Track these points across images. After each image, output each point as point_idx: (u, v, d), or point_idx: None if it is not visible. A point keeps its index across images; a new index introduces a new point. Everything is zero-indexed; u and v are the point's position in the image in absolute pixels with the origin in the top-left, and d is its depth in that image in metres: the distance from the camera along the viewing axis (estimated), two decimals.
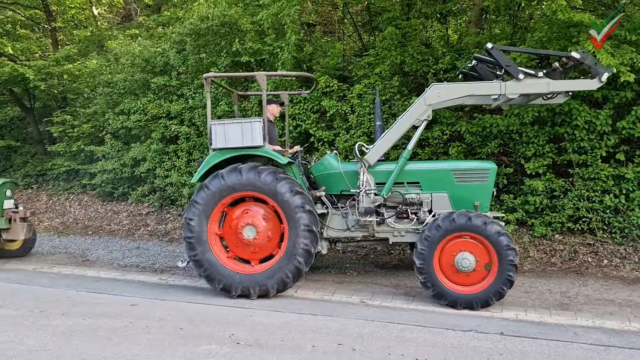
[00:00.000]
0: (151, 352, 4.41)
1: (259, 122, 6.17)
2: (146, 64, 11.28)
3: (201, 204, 6.15)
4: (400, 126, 6.28)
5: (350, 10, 11.59)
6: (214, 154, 6.33)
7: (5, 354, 4.34)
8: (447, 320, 5.32)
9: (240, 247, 6.25)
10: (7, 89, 13.81)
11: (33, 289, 6.66)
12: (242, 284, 6.06)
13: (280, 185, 5.99)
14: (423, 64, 8.87)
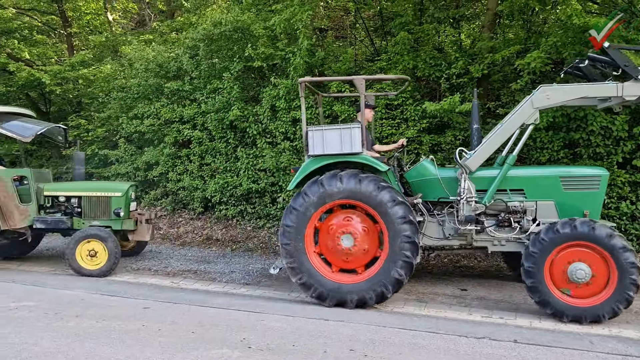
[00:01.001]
0: (163, 355, 4.42)
1: (357, 127, 6.01)
2: (160, 69, 11.38)
3: (299, 210, 6.02)
4: (504, 130, 6.05)
5: (363, 15, 11.60)
6: (311, 160, 6.19)
7: (20, 355, 4.38)
8: (460, 327, 5.27)
9: (336, 256, 6.08)
10: (24, 93, 14.02)
11: (48, 290, 6.71)
12: (339, 293, 5.92)
13: (382, 195, 5.79)
14: (436, 69, 8.85)
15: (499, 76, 8.76)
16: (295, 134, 9.73)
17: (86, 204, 8.10)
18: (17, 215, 7.87)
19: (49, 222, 8.01)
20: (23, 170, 8.33)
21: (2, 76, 13.44)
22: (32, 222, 7.98)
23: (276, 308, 5.97)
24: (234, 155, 10.49)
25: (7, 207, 7.80)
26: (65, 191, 8.26)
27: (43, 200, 8.20)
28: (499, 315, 5.77)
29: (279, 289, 6.95)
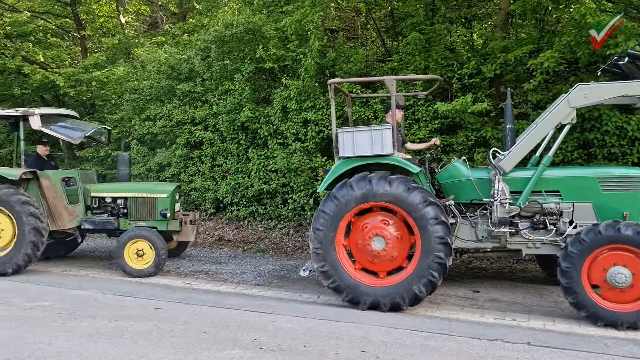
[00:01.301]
0: (175, 355, 4.44)
1: (388, 129, 5.93)
2: (172, 70, 11.46)
3: (329, 213, 5.95)
4: (539, 130, 5.90)
5: (374, 16, 11.58)
6: (341, 162, 6.14)
7: (34, 354, 4.43)
8: (473, 329, 5.23)
9: (367, 259, 5.99)
10: (39, 95, 14.20)
11: (62, 291, 6.78)
12: (372, 297, 5.83)
13: (412, 196, 5.69)
14: (447, 69, 8.81)
15: (512, 76, 8.70)
16: (306, 135, 9.74)
17: (132, 205, 8.18)
18: (66, 216, 7.97)
19: (96, 222, 8.12)
20: (71, 171, 8.46)
21: (17, 79, 13.62)
22: (80, 222, 8.10)
23: (287, 309, 5.97)
24: (245, 156, 10.53)
25: (56, 208, 7.90)
26: (112, 192, 8.34)
27: (90, 201, 8.30)
28: (512, 317, 5.71)
29: (290, 290, 6.95)
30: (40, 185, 7.90)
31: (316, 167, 9.65)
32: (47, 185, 7.90)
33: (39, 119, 7.86)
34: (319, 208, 6.05)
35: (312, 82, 9.49)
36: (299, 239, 9.95)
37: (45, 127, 7.92)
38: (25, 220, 7.43)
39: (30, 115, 7.88)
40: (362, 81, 7.80)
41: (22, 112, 7.97)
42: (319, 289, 6.99)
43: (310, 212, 9.78)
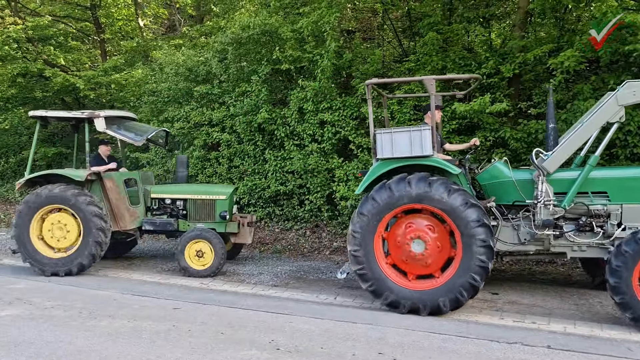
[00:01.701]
0: (193, 355, 4.46)
1: (428, 129, 5.84)
2: (189, 72, 11.55)
3: (367, 215, 5.85)
4: (585, 130, 5.70)
5: (390, 16, 11.54)
6: (380, 164, 6.06)
7: (55, 353, 4.49)
8: (492, 332, 5.17)
9: (406, 261, 5.88)
10: (60, 98, 14.43)
11: (82, 290, 6.87)
12: (411, 300, 5.73)
13: (453, 198, 5.57)
14: (465, 69, 8.74)
15: (531, 76, 8.59)
16: (322, 136, 9.74)
17: (191, 207, 8.23)
18: (128, 217, 8.06)
19: (157, 224, 8.19)
20: (133, 173, 8.57)
21: (39, 82, 13.86)
22: (141, 223, 8.19)
23: (304, 310, 5.96)
24: (262, 157, 10.57)
25: (118, 209, 7.99)
26: (172, 194, 8.38)
27: (150, 202, 8.39)
28: (532, 320, 5.63)
29: (307, 291, 6.94)
30: (104, 186, 7.98)
31: (332, 168, 9.65)
32: (110, 186, 7.99)
33: (103, 121, 7.92)
34: (357, 210, 5.94)
35: (329, 83, 9.49)
36: (316, 240, 9.95)
37: (109, 129, 7.99)
38: (91, 221, 7.50)
39: (96, 118, 7.93)
40: (399, 81, 7.66)
41: (88, 114, 8.03)
42: (336, 290, 6.98)
43: (327, 213, 9.78)
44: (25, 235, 7.68)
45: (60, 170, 8.01)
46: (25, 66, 12.83)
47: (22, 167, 15.92)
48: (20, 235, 7.69)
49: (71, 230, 7.69)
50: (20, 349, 4.58)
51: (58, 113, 8.45)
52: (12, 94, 13.55)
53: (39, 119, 8.36)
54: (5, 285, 7.16)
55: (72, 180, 7.77)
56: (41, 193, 7.68)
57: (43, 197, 7.65)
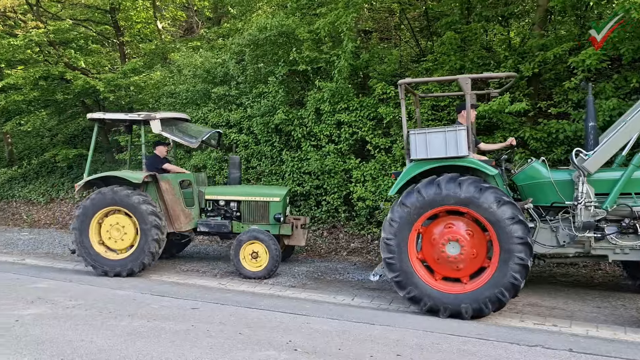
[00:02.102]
0: (211, 355, 4.49)
1: (463, 129, 5.71)
2: (207, 74, 11.64)
3: (398, 221, 5.77)
4: (628, 129, 5.51)
5: (408, 16, 11.49)
6: (413, 165, 5.96)
7: (77, 351, 4.55)
8: (512, 334, 5.10)
9: (442, 265, 5.77)
10: (80, 100, 14.65)
11: (103, 290, 6.96)
12: (451, 304, 5.60)
13: (485, 197, 5.44)
14: (484, 69, 8.65)
15: (551, 75, 8.46)
16: (339, 136, 9.73)
17: (245, 208, 8.26)
18: (183, 219, 8.12)
19: (212, 225, 8.24)
20: (188, 174, 8.62)
21: (60, 84, 14.09)
22: (195, 225, 8.25)
23: (322, 311, 5.95)
24: (279, 158, 10.59)
25: (174, 211, 8.05)
26: (226, 195, 8.39)
27: (204, 203, 8.42)
28: (553, 322, 5.54)
29: (325, 292, 6.94)
30: (159, 188, 8.03)
31: (349, 169, 9.63)
32: (166, 188, 8.03)
33: (159, 122, 7.98)
34: (388, 216, 5.86)
35: (346, 83, 9.47)
36: (333, 241, 9.95)
37: (165, 130, 8.03)
38: (147, 222, 7.57)
39: (152, 120, 7.99)
40: (432, 80, 7.47)
41: (144, 116, 8.08)
42: (354, 292, 6.96)
43: (344, 214, 9.76)
44: (85, 237, 7.78)
45: (118, 172, 8.10)
46: (47, 69, 13.04)
47: (44, 169, 16.25)
48: (80, 238, 7.78)
49: (128, 231, 7.76)
50: (43, 348, 4.65)
51: (115, 115, 8.52)
52: (34, 97, 13.77)
53: (96, 121, 8.46)
54: (28, 284, 7.29)
55: (128, 181, 7.81)
56: (98, 196, 7.79)
57: (101, 200, 7.76)
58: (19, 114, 15.89)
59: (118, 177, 7.90)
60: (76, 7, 15.26)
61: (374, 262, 8.89)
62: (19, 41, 12.42)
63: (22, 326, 5.28)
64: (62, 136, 17.78)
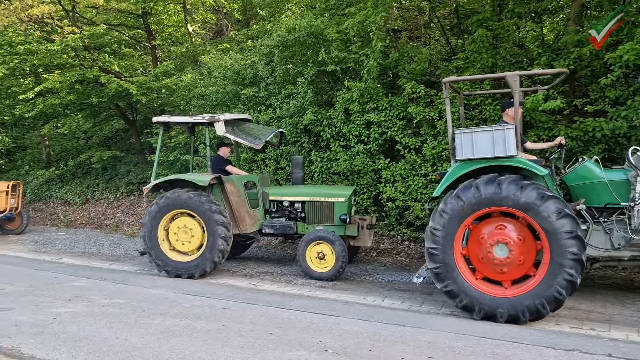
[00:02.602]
0: (243, 354, 4.52)
1: (511, 128, 5.57)
2: (237, 76, 11.75)
3: (449, 214, 5.62)
4: None
5: (437, 14, 11.35)
6: (459, 165, 5.85)
7: (112, 349, 4.66)
8: (547, 338, 4.97)
9: (486, 265, 5.61)
10: (114, 103, 14.98)
11: (136, 289, 7.10)
12: (488, 306, 5.46)
13: (546, 205, 5.22)
14: (517, 66, 8.48)
15: (587, 71, 8.23)
16: (369, 136, 9.68)
17: (310, 209, 8.16)
18: (248, 220, 8.11)
19: (277, 227, 8.17)
20: (252, 175, 8.62)
21: (95, 88, 14.44)
22: (260, 226, 8.23)
23: (352, 312, 5.93)
24: (308, 159, 10.61)
25: (239, 212, 8.05)
26: (290, 196, 8.31)
27: (269, 204, 8.40)
28: (590, 326, 5.39)
29: (355, 293, 6.91)
30: (224, 190, 8.03)
31: (379, 169, 9.57)
32: (231, 189, 8.03)
33: (223, 124, 7.96)
34: (440, 207, 5.72)
35: (375, 83, 9.41)
36: None
37: (229, 132, 7.99)
38: (214, 225, 7.59)
39: (216, 122, 7.99)
40: (478, 78, 7.19)
41: (208, 118, 8.10)
42: (384, 292, 6.91)
43: (374, 214, 9.70)
44: (154, 240, 7.90)
45: (184, 175, 8.16)
46: (83, 73, 13.37)
47: (80, 170, 16.69)
48: (149, 240, 7.92)
49: (195, 233, 7.80)
50: (79, 345, 4.77)
51: (179, 118, 8.57)
52: (70, 100, 14.15)
53: (161, 124, 8.57)
54: (65, 282, 7.50)
55: (194, 184, 7.86)
56: (165, 199, 7.86)
57: (169, 203, 7.83)
58: (56, 117, 16.37)
59: (184, 180, 7.94)
60: (110, 12, 15.61)
61: (403, 263, 8.81)
62: (56, 46, 12.77)
63: (60, 323, 5.44)
64: (96, 138, 18.24)
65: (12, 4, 12.56)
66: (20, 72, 14.83)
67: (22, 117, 16.04)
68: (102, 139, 18.08)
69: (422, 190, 8.97)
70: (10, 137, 21.04)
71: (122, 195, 14.75)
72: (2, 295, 6.74)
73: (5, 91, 15.03)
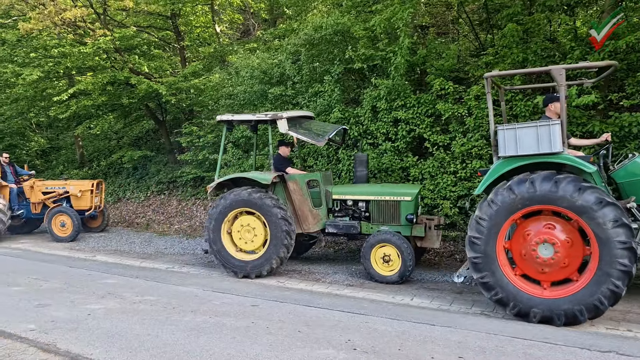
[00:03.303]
0: (271, 352, 4.54)
1: (557, 123, 5.37)
2: (264, 75, 11.81)
3: (487, 220, 5.51)
4: None
5: (466, 9, 11.17)
6: (502, 162, 5.69)
7: (144, 345, 4.74)
8: (582, 339, 4.84)
9: (527, 262, 5.48)
10: (144, 104, 15.25)
11: (166, 287, 7.21)
12: (542, 309, 5.29)
13: (585, 196, 5.06)
14: (548, 61, 8.28)
15: (623, 65, 7.98)
16: (396, 134, 9.61)
17: (374, 208, 7.87)
18: (311, 219, 7.98)
19: (340, 226, 7.96)
20: (315, 174, 8.42)
21: (125, 89, 14.72)
22: (323, 225, 8.06)
23: (380, 311, 5.90)
24: (335, 157, 10.59)
25: (302, 211, 7.95)
26: (354, 195, 8.07)
27: (332, 203, 8.22)
28: (627, 327, 5.23)
29: (383, 292, 6.87)
30: (287, 188, 7.97)
31: (407, 166, 9.49)
32: (293, 188, 7.93)
33: (286, 122, 7.87)
34: (476, 214, 5.62)
35: (402, 80, 9.33)
36: None
37: (292, 130, 7.88)
38: (277, 224, 7.52)
39: (279, 119, 7.91)
40: (521, 72, 6.77)
41: (271, 116, 8.03)
42: (413, 292, 6.85)
43: None
44: (217, 238, 7.92)
45: (247, 174, 8.13)
46: (114, 75, 13.64)
47: (112, 170, 17.06)
48: (212, 238, 7.95)
49: (258, 232, 7.79)
50: (112, 341, 4.87)
51: (242, 116, 8.47)
52: (102, 102, 14.47)
53: (225, 122, 8.57)
54: (99, 280, 7.67)
55: (256, 182, 7.85)
56: (228, 197, 7.86)
57: (232, 201, 7.82)
58: (89, 118, 16.76)
59: (247, 178, 7.94)
60: (139, 14, 15.86)
61: (432, 262, 8.72)
62: (88, 49, 13.07)
63: (93, 319, 5.56)
64: (127, 138, 18.62)
65: (47, 8, 12.90)
66: (55, 75, 15.25)
67: (56, 118, 16.49)
68: (132, 139, 18.44)
69: (450, 188, 8.86)
70: (46, 138, 21.73)
71: (153, 194, 15.01)
72: (39, 291, 6.94)
73: (40, 93, 15.46)
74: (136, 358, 4.45)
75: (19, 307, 6.14)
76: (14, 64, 14.41)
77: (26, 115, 17.68)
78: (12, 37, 14.84)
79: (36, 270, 8.48)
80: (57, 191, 12.41)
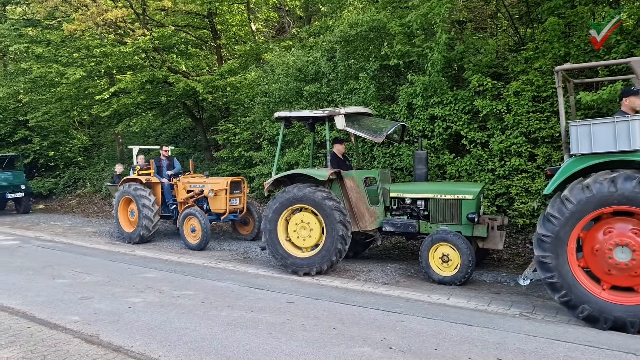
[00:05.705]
0: (307, 349, 4.56)
1: (637, 119, 5.04)
2: (299, 73, 11.84)
3: (559, 218, 5.27)
4: None
5: (505, 3, 10.91)
6: (574, 160, 5.43)
7: (182, 338, 4.84)
8: (626, 343, 4.68)
9: (599, 264, 5.21)
10: (181, 102, 15.54)
11: (203, 282, 7.34)
12: (614, 315, 5.05)
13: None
14: (591, 55, 8.00)
15: None
16: (432, 131, 9.48)
17: (434, 207, 7.66)
18: (368, 217, 7.82)
19: (398, 225, 7.76)
20: (372, 171, 8.30)
21: (163, 87, 15.04)
22: (381, 224, 7.89)
23: (416, 310, 5.84)
24: (370, 154, 10.54)
25: (358, 209, 7.81)
26: (412, 193, 7.87)
27: (389, 201, 8.05)
28: None
29: (419, 291, 6.80)
30: (343, 185, 7.84)
31: (444, 164, 9.36)
32: (350, 185, 7.80)
33: (343, 118, 7.71)
34: (547, 211, 5.37)
35: (439, 76, 9.20)
36: None
37: (349, 126, 7.73)
38: (333, 220, 7.42)
39: (336, 115, 7.75)
40: (596, 65, 6.33)
41: (329, 112, 7.88)
42: (449, 291, 6.76)
43: None
44: (274, 235, 7.90)
45: (304, 170, 8.06)
46: (152, 73, 13.94)
47: None
48: (269, 235, 7.94)
49: (314, 229, 7.71)
50: (152, 334, 4.99)
51: (300, 113, 8.40)
52: (141, 100, 14.82)
53: (282, 119, 8.50)
54: (138, 274, 7.87)
55: (313, 179, 7.79)
56: (285, 194, 7.83)
57: (289, 198, 7.78)
58: (128, 116, 17.20)
59: (304, 174, 7.88)
60: (177, 14, 16.16)
61: None
62: (128, 48, 13.40)
63: (134, 312, 5.72)
64: (165, 136, 19.02)
65: (89, 9, 13.29)
66: (96, 74, 15.72)
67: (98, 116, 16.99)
68: (170, 137, 18.82)
69: (488, 186, 8.70)
70: (88, 136, 22.43)
71: None
72: (83, 284, 7.18)
73: (83, 92, 15.95)
74: (175, 351, 4.55)
75: (64, 299, 6.37)
76: (58, 63, 14.90)
77: (69, 113, 18.28)
78: (57, 38, 15.34)
79: (79, 263, 8.78)
80: (194, 190, 10.97)
